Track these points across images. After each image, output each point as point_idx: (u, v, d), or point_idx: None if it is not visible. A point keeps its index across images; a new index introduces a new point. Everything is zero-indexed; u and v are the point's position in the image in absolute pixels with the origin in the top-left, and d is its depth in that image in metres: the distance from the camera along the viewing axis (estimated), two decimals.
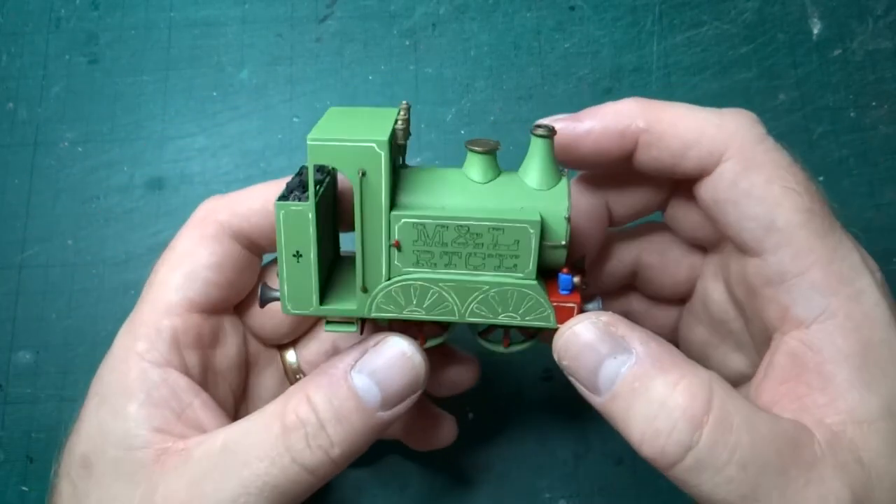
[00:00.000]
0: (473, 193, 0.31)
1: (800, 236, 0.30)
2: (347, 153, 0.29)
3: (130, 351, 0.33)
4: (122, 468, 0.31)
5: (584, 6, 0.54)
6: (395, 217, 0.30)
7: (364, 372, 0.31)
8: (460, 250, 0.31)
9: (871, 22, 0.53)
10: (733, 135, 0.32)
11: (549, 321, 0.31)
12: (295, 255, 0.31)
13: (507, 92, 0.52)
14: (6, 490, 0.46)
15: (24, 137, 0.52)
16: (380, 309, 0.32)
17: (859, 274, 0.30)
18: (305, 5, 0.54)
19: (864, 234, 0.50)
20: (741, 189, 0.31)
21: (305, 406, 0.30)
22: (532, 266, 0.30)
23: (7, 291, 0.49)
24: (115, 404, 0.32)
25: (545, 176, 0.31)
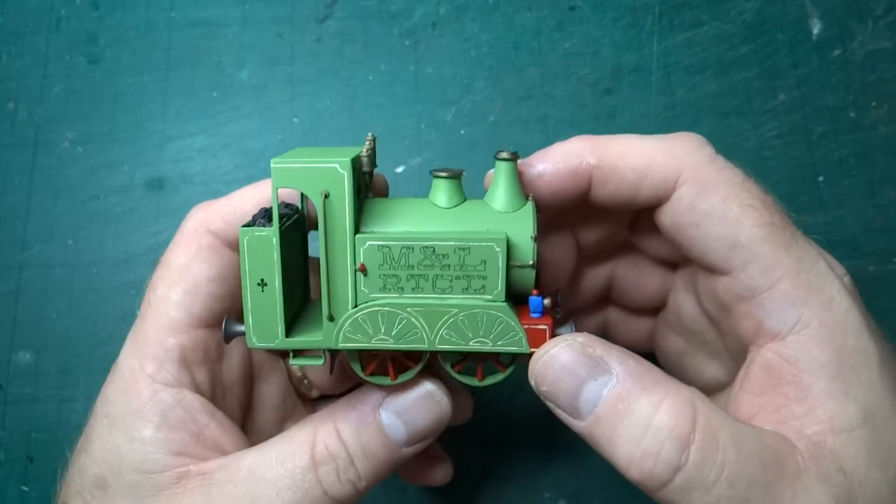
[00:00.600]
0: (439, 218, 0.31)
1: (765, 250, 0.30)
2: (310, 175, 0.29)
3: (139, 373, 0.32)
4: (141, 491, 0.31)
5: (584, 6, 0.54)
6: (359, 240, 0.30)
7: (391, 410, 0.32)
8: (427, 272, 0.30)
9: (871, 22, 0.53)
10: (684, 159, 0.32)
11: (521, 345, 0.30)
12: (259, 284, 0.30)
13: (507, 92, 0.52)
14: (6, 490, 0.46)
15: (24, 137, 0.52)
16: (347, 339, 0.31)
17: (828, 281, 0.30)
18: (305, 5, 0.54)
19: (864, 234, 0.50)
20: (700, 211, 0.31)
21: (335, 439, 0.31)
22: (501, 287, 0.30)
23: (7, 291, 0.49)
24: (129, 427, 0.32)
25: (510, 199, 0.31)
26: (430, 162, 0.51)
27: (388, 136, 0.51)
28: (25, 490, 0.46)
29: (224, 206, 0.34)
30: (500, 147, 0.34)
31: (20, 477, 0.46)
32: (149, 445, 0.31)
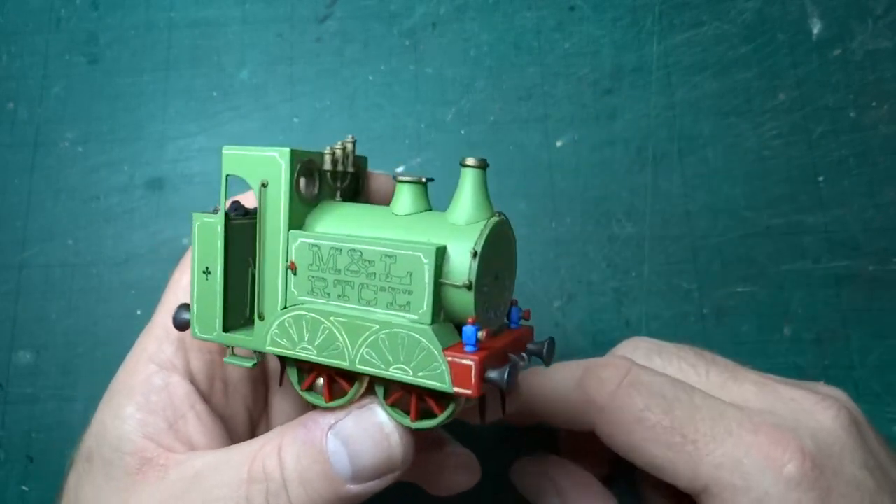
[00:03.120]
0: (386, 224, 0.29)
1: (682, 470, 0.33)
2: (252, 163, 0.28)
3: (142, 352, 0.33)
4: (112, 470, 0.31)
5: (584, 6, 0.54)
6: (292, 235, 0.28)
7: (340, 436, 0.29)
8: (353, 279, 0.27)
9: (871, 22, 0.53)
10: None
11: (443, 381, 0.26)
12: (205, 272, 0.29)
13: (507, 92, 0.52)
14: (6, 490, 0.46)
15: (24, 137, 0.52)
16: (274, 342, 0.28)
17: (758, 477, 0.32)
18: (305, 5, 0.54)
19: (863, 234, 0.50)
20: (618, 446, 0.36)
21: (274, 459, 0.29)
22: (427, 306, 0.26)
23: (7, 291, 0.49)
24: (117, 404, 0.32)
25: (473, 211, 0.28)
26: (431, 162, 0.51)
27: (388, 136, 0.51)
28: (25, 490, 0.46)
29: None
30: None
31: (20, 477, 0.46)
32: (126, 424, 0.31)
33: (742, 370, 0.37)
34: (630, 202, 0.50)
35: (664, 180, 0.51)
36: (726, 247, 0.50)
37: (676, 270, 0.49)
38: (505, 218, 0.29)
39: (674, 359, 0.38)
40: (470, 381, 0.25)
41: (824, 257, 0.49)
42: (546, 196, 0.50)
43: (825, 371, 0.48)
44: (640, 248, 0.50)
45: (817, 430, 0.32)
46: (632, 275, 0.49)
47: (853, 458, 0.32)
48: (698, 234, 0.50)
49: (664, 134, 0.52)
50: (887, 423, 0.47)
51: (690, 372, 0.37)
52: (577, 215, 0.50)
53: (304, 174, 0.30)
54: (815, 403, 0.33)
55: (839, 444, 0.32)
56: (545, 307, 0.49)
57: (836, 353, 0.48)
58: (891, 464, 0.33)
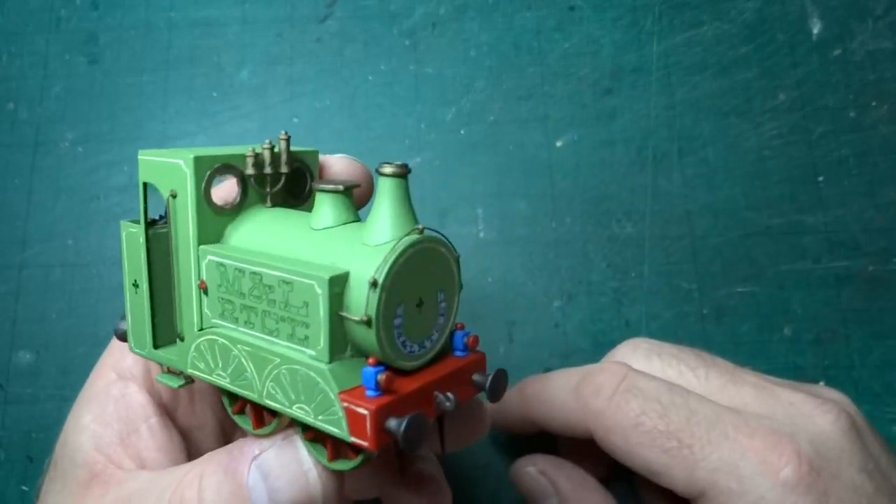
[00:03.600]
0: (297, 240, 0.26)
1: (678, 473, 0.33)
2: (160, 171, 0.26)
3: (106, 359, 0.32)
4: (66, 480, 0.30)
5: (584, 6, 0.54)
6: (202, 252, 0.26)
7: (261, 469, 0.26)
8: (256, 305, 0.25)
9: (871, 22, 0.53)
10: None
11: (340, 428, 0.23)
12: (134, 285, 0.27)
13: (507, 92, 0.52)
14: (6, 490, 0.46)
15: (24, 137, 0.52)
16: (194, 365, 0.27)
17: (754, 482, 0.32)
18: (305, 5, 0.54)
19: (863, 234, 0.50)
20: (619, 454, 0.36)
21: (194, 489, 0.27)
22: (324, 342, 0.23)
23: (7, 291, 0.49)
24: (78, 412, 0.32)
25: (388, 229, 0.24)
26: (430, 162, 0.51)
27: (387, 136, 0.51)
28: (25, 490, 0.46)
29: None
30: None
31: (20, 477, 0.46)
32: (82, 434, 0.31)
33: (742, 372, 0.37)
34: (630, 202, 0.50)
35: (664, 180, 0.51)
36: (726, 247, 0.50)
37: (676, 270, 0.49)
38: (432, 234, 0.25)
39: (673, 361, 0.38)
40: (365, 432, 0.22)
41: (824, 257, 0.49)
42: (546, 196, 0.50)
43: (825, 371, 0.48)
44: (640, 248, 0.50)
45: (816, 433, 0.32)
46: (632, 275, 0.49)
47: (851, 461, 0.32)
48: (698, 234, 0.50)
49: (664, 134, 0.52)
50: (887, 423, 0.47)
51: (689, 375, 0.37)
52: (577, 215, 0.50)
53: (220, 181, 0.27)
54: (815, 407, 0.33)
55: (837, 447, 0.32)
56: (545, 307, 0.49)
57: (836, 353, 0.48)
58: (891, 467, 0.33)
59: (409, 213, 0.25)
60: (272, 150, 0.28)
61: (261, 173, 0.28)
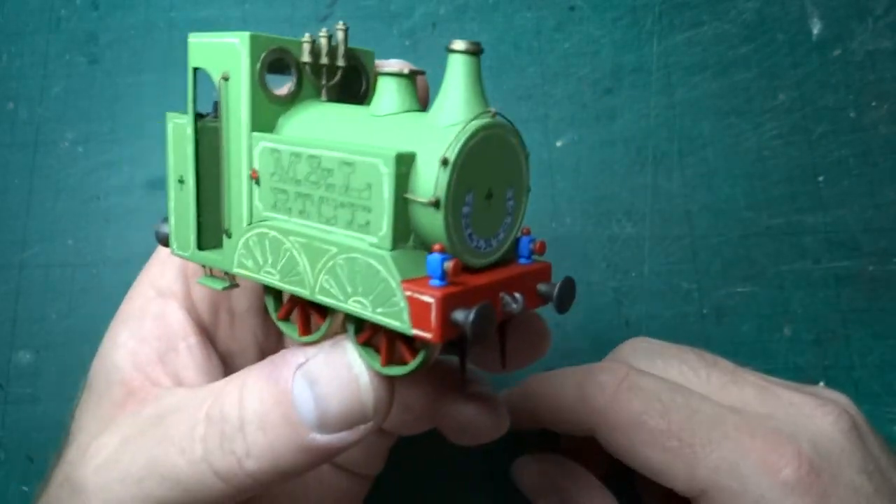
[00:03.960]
0: (359, 125, 0.24)
1: (679, 472, 0.33)
2: (212, 53, 0.24)
3: (145, 275, 0.32)
4: (101, 400, 0.30)
5: (584, 6, 0.54)
6: (255, 139, 0.24)
7: (307, 376, 0.25)
8: (313, 192, 0.23)
9: (871, 22, 0.53)
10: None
11: (401, 320, 0.21)
12: (179, 181, 0.26)
13: (507, 92, 0.52)
14: (6, 490, 0.46)
15: (24, 137, 0.52)
16: (240, 263, 0.25)
17: (753, 480, 0.32)
18: (305, 5, 0.54)
19: (863, 234, 0.50)
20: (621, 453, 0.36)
21: (235, 397, 0.25)
22: (386, 227, 0.21)
23: (7, 291, 0.49)
24: (114, 331, 0.31)
25: (459, 110, 0.22)
26: None
27: None
28: (25, 490, 0.46)
29: None
30: None
31: (20, 477, 0.46)
32: (119, 351, 0.30)
33: (743, 373, 0.37)
34: (630, 202, 0.50)
35: (664, 180, 0.51)
36: (726, 247, 0.50)
37: (676, 270, 0.49)
38: (503, 119, 0.23)
39: (674, 361, 0.38)
40: (429, 322, 0.20)
41: (824, 257, 0.49)
42: (546, 196, 0.50)
43: (825, 371, 0.48)
44: (640, 248, 0.50)
45: (816, 434, 0.32)
46: (632, 275, 0.49)
47: (851, 462, 0.32)
48: (698, 234, 0.50)
49: (664, 134, 0.52)
50: (887, 423, 0.47)
51: (691, 374, 0.37)
52: (577, 215, 0.50)
53: (276, 67, 0.26)
54: (816, 408, 0.33)
55: (838, 448, 0.32)
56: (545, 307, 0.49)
57: (836, 353, 0.48)
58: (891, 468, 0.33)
59: (481, 95, 0.23)
60: (329, 39, 0.26)
61: (317, 63, 0.26)
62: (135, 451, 0.26)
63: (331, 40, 0.26)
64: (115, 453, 0.27)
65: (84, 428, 0.29)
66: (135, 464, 0.26)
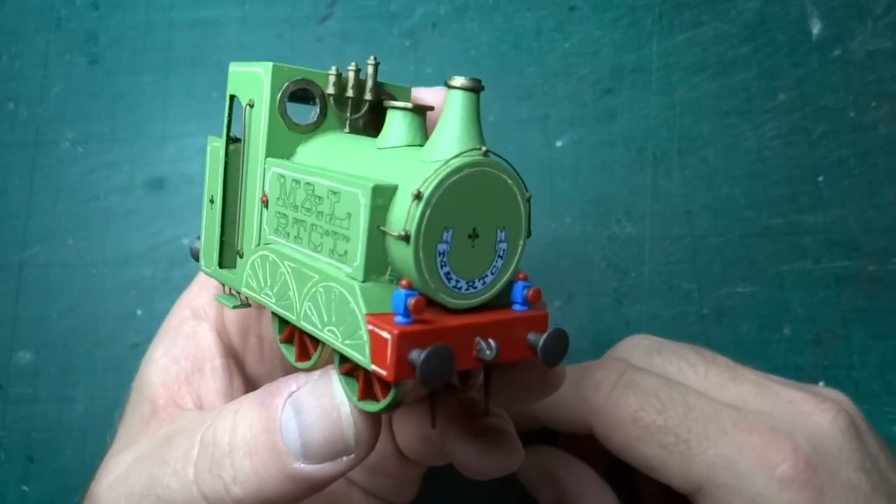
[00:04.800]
0: (359, 157, 0.25)
1: (676, 469, 0.34)
2: (244, 80, 0.26)
3: (186, 294, 0.32)
4: (134, 414, 0.31)
5: (584, 6, 0.54)
6: (268, 164, 0.25)
7: (294, 404, 0.25)
8: (306, 219, 0.24)
9: (871, 22, 0.53)
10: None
11: (363, 353, 0.21)
12: (211, 201, 0.27)
13: (507, 92, 0.52)
14: (6, 490, 0.46)
15: (24, 137, 0.52)
16: (247, 283, 0.25)
17: (749, 478, 0.32)
18: (306, 5, 0.54)
19: (863, 234, 0.50)
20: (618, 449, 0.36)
21: (228, 423, 0.25)
22: (360, 258, 0.22)
23: (7, 291, 0.49)
24: (152, 346, 0.32)
25: (451, 146, 0.22)
26: None
27: None
28: (25, 490, 0.46)
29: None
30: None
31: (20, 477, 0.46)
32: (152, 366, 0.31)
33: (742, 370, 0.37)
34: (630, 202, 0.50)
35: (664, 180, 0.51)
36: (726, 247, 0.50)
37: (676, 270, 0.49)
38: (495, 157, 0.23)
39: (673, 358, 0.38)
40: (384, 359, 0.20)
41: (824, 257, 0.49)
42: (546, 196, 0.50)
43: (825, 371, 0.48)
44: (640, 248, 0.50)
45: (814, 432, 0.32)
46: (632, 275, 0.49)
47: (849, 460, 0.32)
48: (698, 234, 0.50)
49: (664, 134, 0.52)
50: (887, 423, 0.47)
51: (689, 371, 0.37)
52: (577, 215, 0.50)
53: (302, 96, 0.26)
54: (814, 406, 0.33)
55: (835, 446, 0.32)
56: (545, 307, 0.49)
57: (836, 353, 0.48)
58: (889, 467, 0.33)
59: (477, 132, 0.23)
60: (357, 73, 0.27)
61: (342, 95, 0.27)
62: (140, 469, 0.27)
63: (359, 74, 0.27)
64: (126, 471, 0.27)
65: (115, 442, 0.31)
66: (139, 482, 0.26)
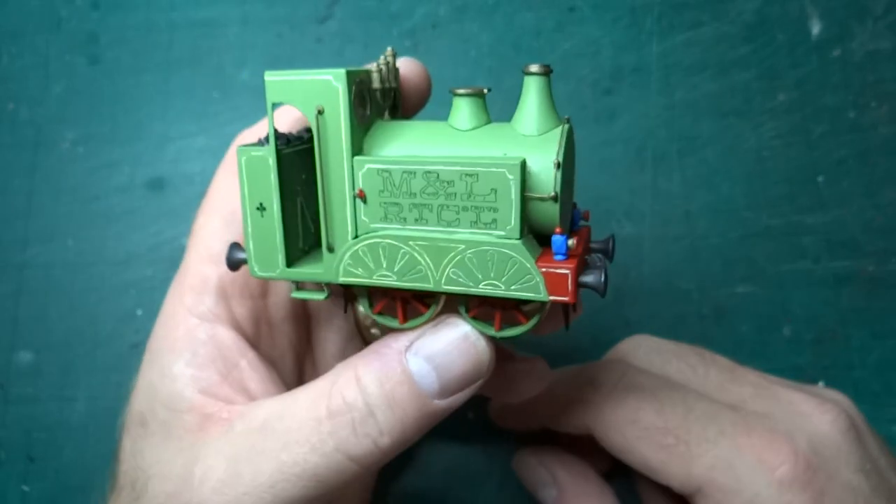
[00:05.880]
0: (453, 140, 0.28)
1: (675, 471, 0.34)
2: (304, 89, 0.27)
3: (178, 305, 0.32)
4: (171, 430, 0.30)
5: (584, 7, 0.54)
6: (357, 162, 0.27)
7: (421, 355, 0.28)
8: (431, 202, 0.27)
9: (871, 22, 0.53)
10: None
11: (537, 291, 0.26)
12: (259, 209, 0.28)
13: (508, 92, 0.52)
14: (6, 490, 0.46)
15: (25, 138, 0.52)
16: (348, 272, 0.28)
17: (751, 480, 0.32)
18: (306, 6, 0.54)
19: (863, 234, 0.50)
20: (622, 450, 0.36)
21: (353, 388, 0.28)
22: (514, 221, 0.26)
23: (8, 291, 0.49)
24: (163, 362, 0.31)
25: (540, 120, 0.28)
26: None
27: None
28: (25, 490, 0.46)
29: (264, 125, 0.33)
30: None
31: (20, 477, 0.46)
32: (177, 381, 0.30)
33: (742, 371, 0.37)
34: (630, 202, 0.50)
35: (664, 180, 0.51)
36: (726, 247, 0.50)
37: (676, 270, 0.49)
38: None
39: (673, 359, 0.38)
40: (566, 289, 0.26)
41: (824, 257, 0.49)
42: None
43: (825, 371, 0.48)
44: (640, 248, 0.50)
45: (814, 433, 0.32)
46: (632, 275, 0.49)
47: (849, 461, 0.32)
48: (698, 234, 0.50)
49: (664, 134, 0.52)
50: (887, 423, 0.47)
51: (689, 372, 0.37)
52: None
53: (358, 96, 0.28)
54: (814, 407, 0.33)
55: (835, 447, 0.32)
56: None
57: (836, 353, 0.48)
58: (889, 468, 0.33)
59: (553, 106, 0.28)
60: (388, 65, 0.29)
61: (382, 87, 0.29)
62: (256, 463, 0.28)
63: (388, 66, 0.30)
64: (231, 470, 0.28)
65: (156, 463, 0.30)
66: (262, 473, 0.28)
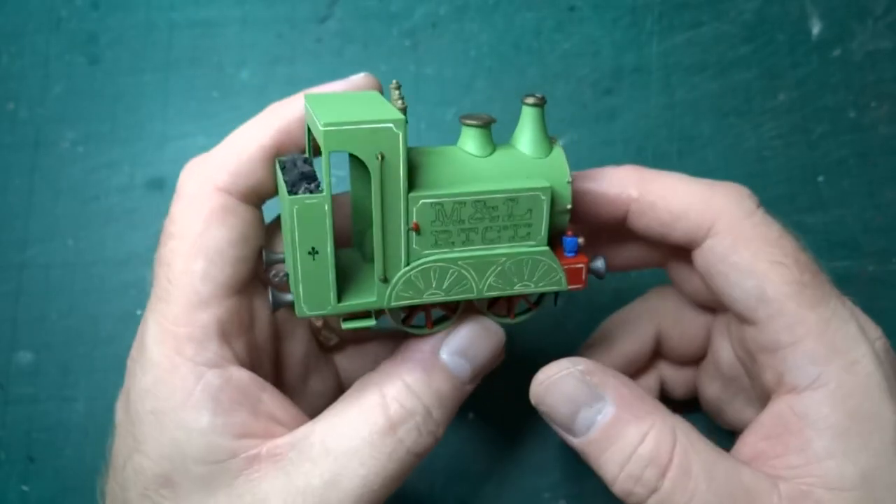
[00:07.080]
0: (478, 168, 0.32)
1: (790, 308, 0.32)
2: (364, 137, 0.28)
3: (177, 358, 0.30)
4: (214, 482, 0.29)
5: (584, 6, 0.54)
6: (413, 199, 0.30)
7: (452, 350, 0.33)
8: (477, 226, 0.31)
9: (871, 22, 0.53)
10: (721, 209, 0.34)
11: (560, 284, 0.32)
12: (311, 253, 0.29)
13: (507, 92, 0.52)
14: (6, 490, 0.46)
15: (24, 137, 0.52)
16: (399, 297, 0.31)
17: (855, 344, 0.31)
18: (306, 5, 0.54)
19: (863, 234, 0.50)
20: (730, 263, 0.33)
21: (407, 394, 0.31)
22: (544, 233, 0.32)
23: (8, 291, 0.49)
24: (182, 420, 0.30)
25: (538, 145, 0.33)
26: None
27: None
28: (25, 490, 0.46)
29: (224, 157, 0.33)
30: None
31: (20, 477, 0.46)
32: (209, 434, 0.29)
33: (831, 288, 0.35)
34: None
35: None
36: None
37: None
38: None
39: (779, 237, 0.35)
40: (581, 279, 0.33)
41: (824, 257, 0.49)
42: None
43: None
44: None
45: None
46: (632, 275, 0.49)
47: None
48: None
49: (664, 134, 0.52)
50: None
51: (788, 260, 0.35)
52: None
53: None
54: None
55: None
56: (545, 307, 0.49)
57: None
58: None
59: (545, 131, 0.33)
60: (402, 99, 0.31)
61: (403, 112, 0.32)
62: (337, 485, 0.30)
63: (400, 89, 0.32)
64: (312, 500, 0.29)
65: None
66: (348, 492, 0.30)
